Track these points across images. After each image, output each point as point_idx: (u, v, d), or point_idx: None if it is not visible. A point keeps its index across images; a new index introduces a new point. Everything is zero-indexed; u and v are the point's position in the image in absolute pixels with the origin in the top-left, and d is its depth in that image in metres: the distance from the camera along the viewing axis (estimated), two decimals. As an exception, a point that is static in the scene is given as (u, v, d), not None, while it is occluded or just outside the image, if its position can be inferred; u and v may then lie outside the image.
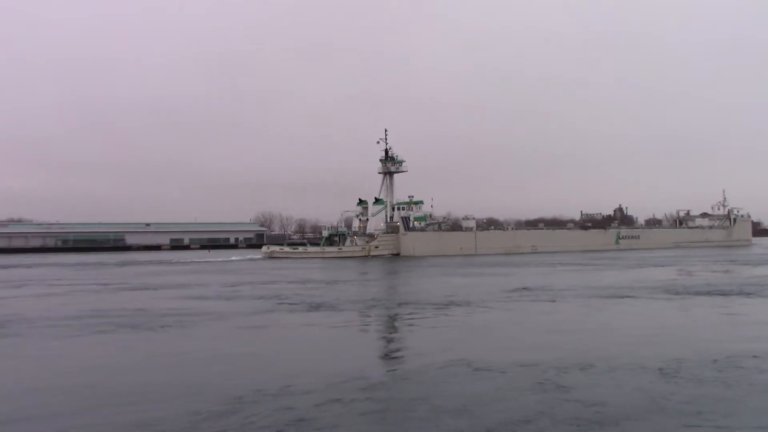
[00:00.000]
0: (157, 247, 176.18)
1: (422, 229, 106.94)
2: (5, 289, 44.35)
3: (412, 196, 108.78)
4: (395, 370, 15.45)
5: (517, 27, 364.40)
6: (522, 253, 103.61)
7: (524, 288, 36.61)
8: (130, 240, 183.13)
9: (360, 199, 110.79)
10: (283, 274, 57.60)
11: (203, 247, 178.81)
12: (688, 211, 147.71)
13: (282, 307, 29.42)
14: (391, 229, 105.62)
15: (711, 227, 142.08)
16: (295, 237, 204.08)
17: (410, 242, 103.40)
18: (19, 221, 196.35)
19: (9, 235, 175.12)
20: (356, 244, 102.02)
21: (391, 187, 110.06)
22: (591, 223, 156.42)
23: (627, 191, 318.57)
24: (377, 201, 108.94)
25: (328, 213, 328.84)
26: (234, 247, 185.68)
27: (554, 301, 29.74)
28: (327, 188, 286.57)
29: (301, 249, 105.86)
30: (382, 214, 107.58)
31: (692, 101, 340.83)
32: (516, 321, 24.06)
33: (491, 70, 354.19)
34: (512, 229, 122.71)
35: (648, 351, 16.84)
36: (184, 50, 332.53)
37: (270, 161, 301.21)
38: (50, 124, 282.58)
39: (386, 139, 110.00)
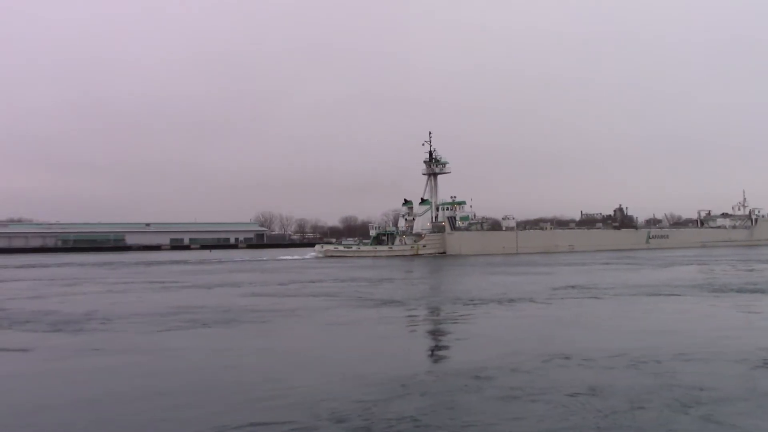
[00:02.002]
0: (157, 247, 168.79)
1: (466, 229, 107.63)
2: (60, 286, 43.08)
3: (455, 197, 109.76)
4: (497, 361, 15.21)
5: (517, 27, 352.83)
6: (560, 252, 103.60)
7: (572, 286, 36.61)
8: (130, 240, 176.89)
9: (405, 200, 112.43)
10: (336, 273, 56.98)
11: (203, 247, 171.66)
12: (709, 211, 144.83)
13: (355, 303, 29.31)
14: (437, 228, 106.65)
15: (734, 227, 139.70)
16: (295, 237, 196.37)
17: (456, 241, 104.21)
18: (19, 221, 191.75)
19: (9, 235, 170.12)
20: (405, 243, 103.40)
21: (435, 188, 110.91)
22: (590, 222, 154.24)
23: (627, 191, 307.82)
24: (423, 201, 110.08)
25: (329, 212, 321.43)
26: (234, 246, 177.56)
27: (618, 297, 30.10)
28: (327, 188, 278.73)
29: (354, 248, 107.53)
30: (428, 214, 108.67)
31: (692, 101, 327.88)
32: (584, 315, 24.47)
33: (491, 70, 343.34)
34: (551, 228, 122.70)
35: (728, 343, 17.26)
36: (184, 50, 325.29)
37: (270, 161, 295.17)
38: (50, 124, 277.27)
39: (431, 141, 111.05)
